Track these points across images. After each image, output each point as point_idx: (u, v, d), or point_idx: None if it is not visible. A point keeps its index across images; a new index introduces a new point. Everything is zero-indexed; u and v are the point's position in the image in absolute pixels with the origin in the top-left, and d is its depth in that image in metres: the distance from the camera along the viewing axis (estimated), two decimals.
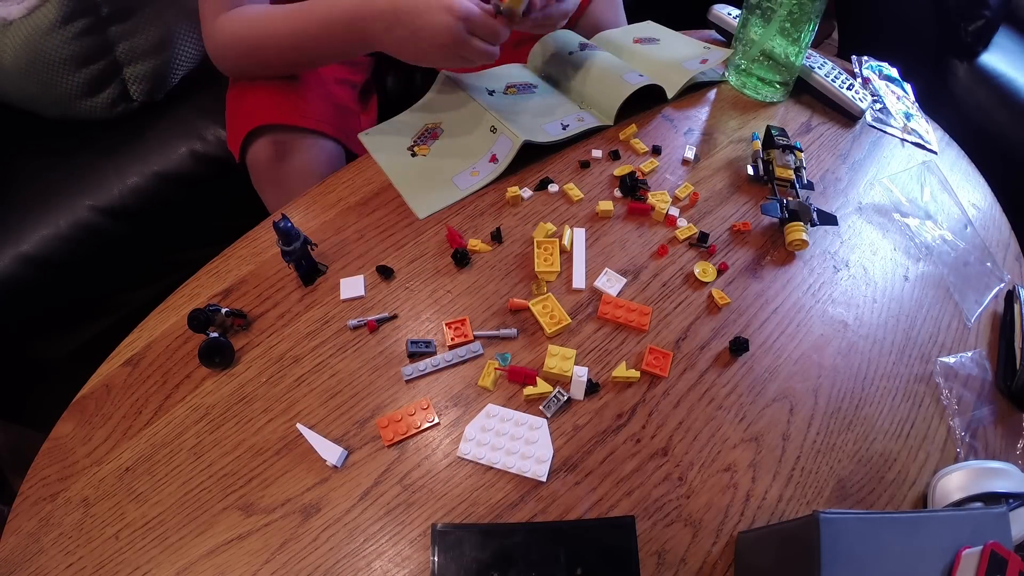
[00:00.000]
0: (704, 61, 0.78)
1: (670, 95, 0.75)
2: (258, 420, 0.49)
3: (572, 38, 0.80)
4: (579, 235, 0.61)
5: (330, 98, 0.75)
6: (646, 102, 0.74)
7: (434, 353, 0.53)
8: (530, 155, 0.67)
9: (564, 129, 0.70)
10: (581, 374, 0.50)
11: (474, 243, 0.60)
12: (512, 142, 0.66)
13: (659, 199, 0.64)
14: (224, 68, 0.73)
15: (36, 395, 0.90)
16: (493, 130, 0.68)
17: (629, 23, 0.89)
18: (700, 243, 0.61)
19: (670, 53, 0.81)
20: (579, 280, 0.58)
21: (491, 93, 0.73)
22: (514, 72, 0.79)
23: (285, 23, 0.66)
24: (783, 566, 0.38)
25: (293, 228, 0.53)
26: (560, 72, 0.77)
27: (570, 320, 0.55)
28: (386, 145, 0.70)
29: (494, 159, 0.67)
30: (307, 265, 0.57)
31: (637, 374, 0.51)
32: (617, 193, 0.66)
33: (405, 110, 0.74)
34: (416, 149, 0.69)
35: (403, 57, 0.63)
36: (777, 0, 0.69)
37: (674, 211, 0.64)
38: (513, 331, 0.54)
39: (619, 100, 0.71)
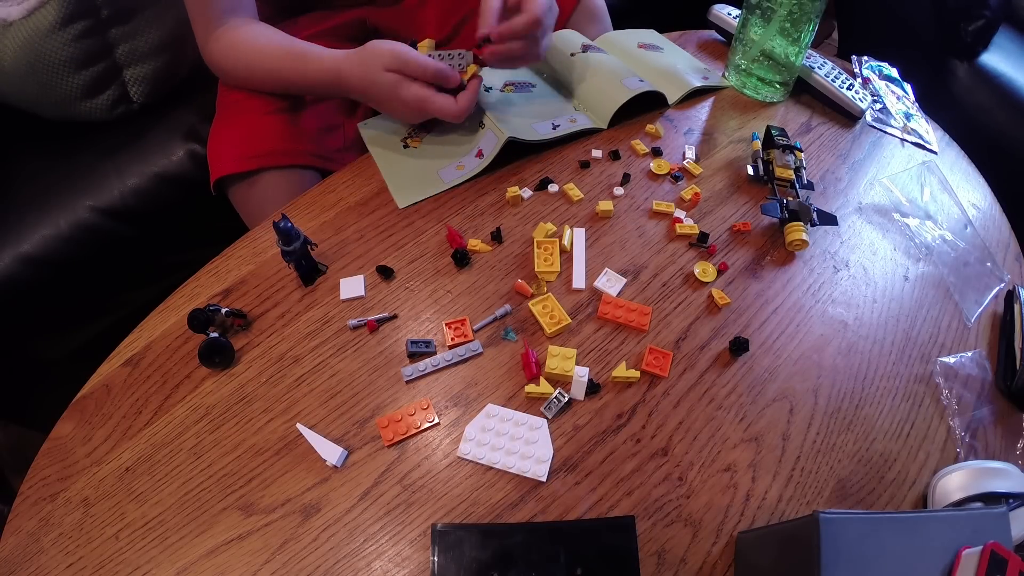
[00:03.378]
0: (705, 79, 0.79)
1: (671, 101, 0.75)
2: (258, 420, 0.49)
3: (575, 38, 0.80)
4: (579, 235, 0.61)
5: (308, 123, 0.76)
6: (644, 106, 0.74)
7: (434, 353, 0.53)
8: (526, 153, 0.67)
9: (554, 129, 0.70)
10: (582, 374, 0.50)
11: (474, 243, 0.60)
12: (497, 138, 0.66)
13: (663, 206, 0.65)
14: (227, 85, 0.78)
15: (36, 395, 0.90)
16: (481, 125, 0.69)
17: (631, 26, 0.89)
18: (700, 243, 0.61)
19: (673, 61, 0.81)
20: (579, 280, 0.58)
21: (488, 90, 0.74)
22: (513, 71, 0.79)
23: (271, 72, 0.71)
24: (783, 566, 0.38)
25: (293, 228, 0.53)
26: (560, 72, 0.77)
27: (570, 320, 0.55)
28: (382, 135, 0.71)
29: (480, 154, 0.67)
30: (307, 265, 0.57)
31: (637, 374, 0.51)
32: (618, 191, 0.66)
33: None
34: (409, 141, 0.70)
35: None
36: (777, 0, 0.69)
37: (679, 213, 0.64)
38: (507, 307, 0.55)
39: (615, 105, 0.71)
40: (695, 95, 0.78)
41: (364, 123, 0.72)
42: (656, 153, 0.70)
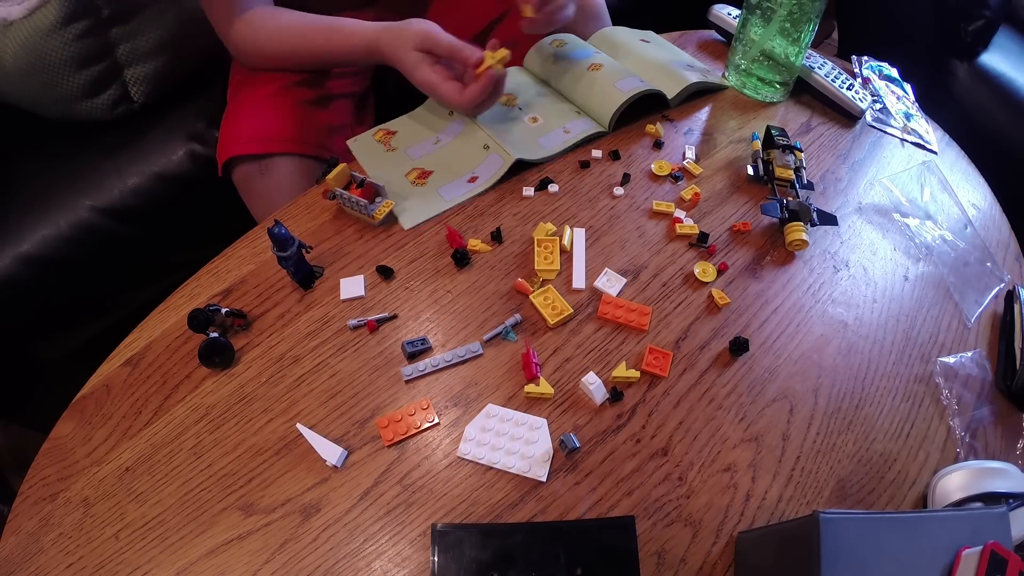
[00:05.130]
0: (704, 78, 0.78)
1: (670, 96, 0.75)
2: (258, 420, 0.49)
3: (580, 47, 0.79)
4: (579, 235, 0.61)
5: (319, 118, 0.77)
6: (646, 107, 0.74)
7: (431, 350, 0.53)
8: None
9: (566, 135, 0.69)
10: (593, 381, 0.50)
11: (474, 243, 0.60)
12: (504, 160, 0.65)
13: (663, 207, 0.65)
14: (249, 67, 0.80)
15: (36, 395, 0.90)
16: (485, 147, 0.68)
17: (630, 25, 0.89)
18: (700, 243, 0.61)
19: (671, 59, 0.80)
20: (579, 280, 0.58)
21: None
22: (511, 78, 0.78)
23: (303, 46, 0.73)
24: (783, 566, 0.38)
25: (288, 234, 0.52)
26: (557, 77, 0.77)
27: (572, 310, 0.55)
28: (374, 153, 0.69)
29: (473, 180, 0.65)
30: (302, 270, 0.56)
31: (637, 374, 0.51)
32: (618, 191, 0.66)
33: (400, 116, 0.74)
34: (413, 177, 0.67)
35: None
36: (777, 0, 0.69)
37: (679, 213, 0.64)
38: (517, 316, 0.55)
39: (614, 107, 0.70)
40: (695, 96, 0.78)
41: (353, 139, 0.70)
42: (656, 147, 0.70)
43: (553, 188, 0.66)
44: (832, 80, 0.77)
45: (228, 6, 0.73)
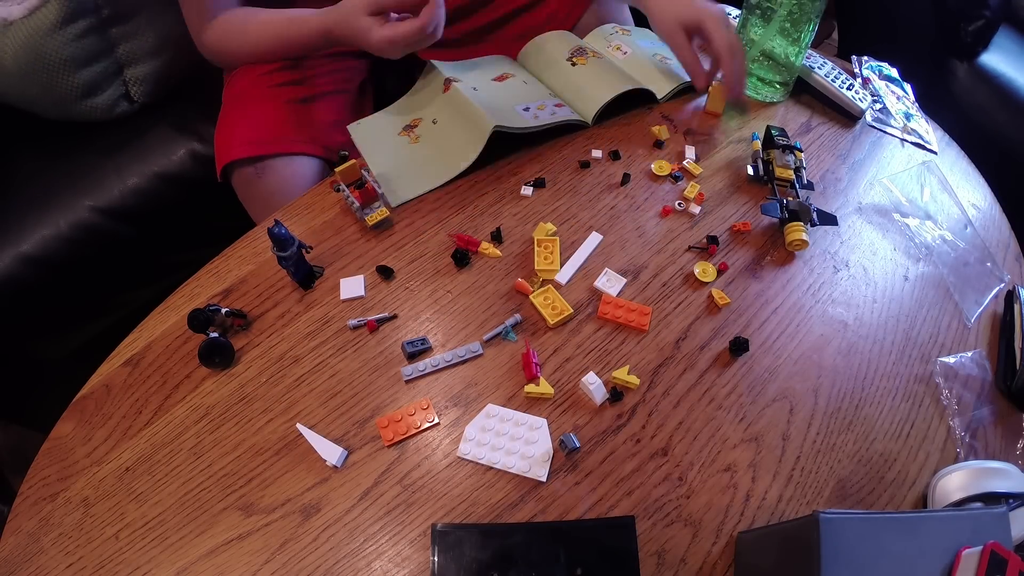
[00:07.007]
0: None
1: (660, 96, 0.75)
2: (258, 420, 0.49)
3: (566, 42, 0.80)
4: (594, 238, 0.61)
5: (317, 115, 0.77)
6: (636, 102, 0.74)
7: (431, 350, 0.53)
8: (525, 149, 0.67)
9: (537, 114, 0.69)
10: (593, 381, 0.50)
11: (485, 247, 0.60)
12: (484, 128, 0.65)
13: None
14: (225, 68, 0.81)
15: (36, 395, 0.90)
16: (473, 117, 0.68)
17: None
18: (709, 244, 0.61)
19: (666, 57, 0.80)
20: (564, 275, 0.58)
21: (475, 89, 0.72)
22: (502, 64, 0.79)
23: (271, 40, 0.75)
24: (783, 566, 0.38)
25: (288, 234, 0.52)
26: (544, 71, 0.77)
27: (572, 310, 0.55)
28: (373, 136, 0.70)
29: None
30: (302, 270, 0.56)
31: (637, 380, 0.51)
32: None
33: (395, 101, 0.75)
34: (402, 137, 0.69)
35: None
36: (777, 0, 0.69)
37: (694, 208, 0.65)
38: (517, 316, 0.55)
39: (598, 104, 0.71)
40: (691, 93, 0.78)
41: (355, 124, 0.72)
42: (656, 146, 0.71)
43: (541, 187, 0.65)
44: (832, 80, 0.77)
45: (200, 12, 0.74)
